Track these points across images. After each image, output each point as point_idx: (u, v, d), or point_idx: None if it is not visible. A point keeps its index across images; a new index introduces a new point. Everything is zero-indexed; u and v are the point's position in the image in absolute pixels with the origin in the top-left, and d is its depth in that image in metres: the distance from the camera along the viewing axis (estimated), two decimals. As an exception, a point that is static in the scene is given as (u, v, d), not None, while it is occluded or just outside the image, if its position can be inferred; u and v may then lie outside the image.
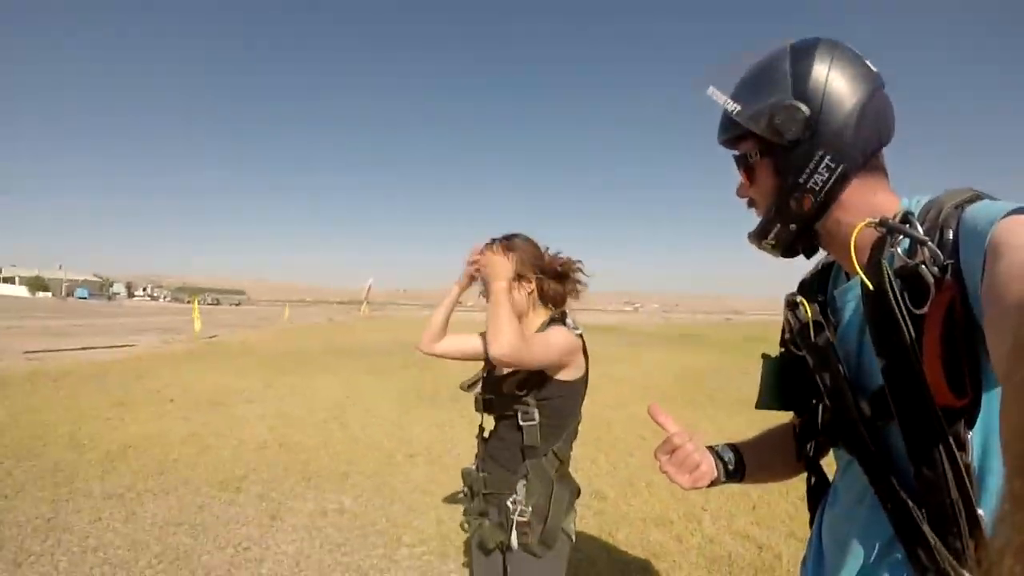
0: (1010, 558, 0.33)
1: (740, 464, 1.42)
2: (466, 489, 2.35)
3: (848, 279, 1.21)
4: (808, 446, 1.34)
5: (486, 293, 2.24)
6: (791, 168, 1.11)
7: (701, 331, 39.34)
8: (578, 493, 2.32)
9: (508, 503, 2.14)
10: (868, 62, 1.11)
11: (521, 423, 2.14)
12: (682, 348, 23.96)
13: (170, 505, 4.88)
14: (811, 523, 1.39)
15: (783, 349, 1.36)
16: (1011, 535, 0.34)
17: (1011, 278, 0.76)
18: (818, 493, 1.37)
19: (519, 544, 2.09)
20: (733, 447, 1.45)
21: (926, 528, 0.96)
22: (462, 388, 2.50)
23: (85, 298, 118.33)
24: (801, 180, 1.10)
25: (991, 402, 0.94)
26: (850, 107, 1.06)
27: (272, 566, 3.93)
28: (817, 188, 1.09)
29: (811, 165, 1.09)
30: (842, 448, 1.19)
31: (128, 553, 4.00)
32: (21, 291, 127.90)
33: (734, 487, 5.33)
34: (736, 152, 1.23)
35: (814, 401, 1.27)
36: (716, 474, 1.36)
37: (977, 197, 1.00)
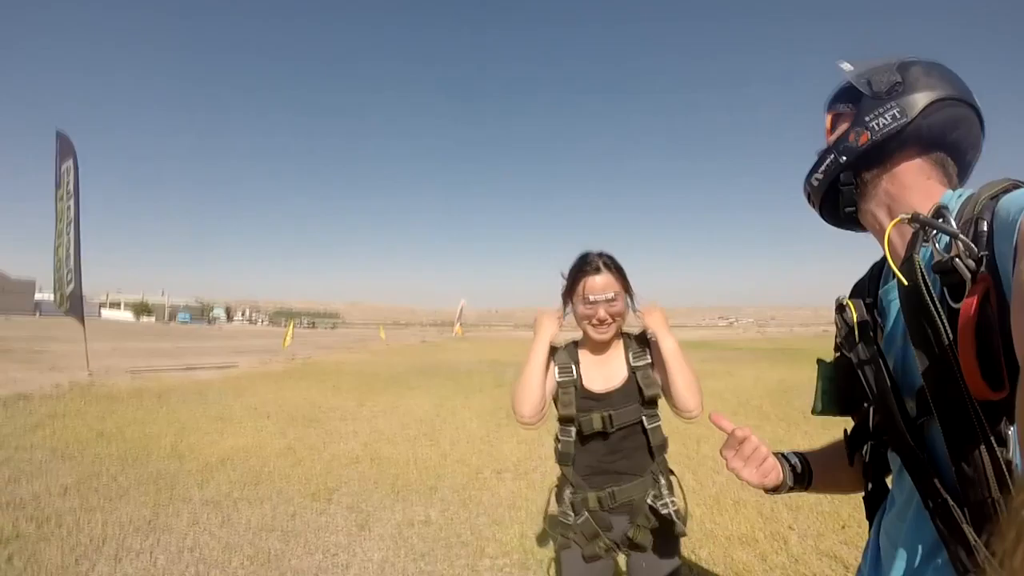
0: (1023, 553, 0.33)
1: (807, 470, 1.44)
2: (574, 517, 2.30)
3: (893, 278, 1.20)
4: (863, 450, 1.32)
5: (656, 340, 2.24)
6: (866, 111, 1.20)
7: (797, 344, 38.38)
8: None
9: (648, 500, 2.24)
10: (970, 90, 1.18)
11: (648, 426, 2.26)
12: (776, 362, 23.32)
13: (263, 512, 5.01)
14: (869, 530, 1.37)
15: (837, 354, 1.37)
16: None
17: None
18: (876, 499, 1.35)
19: (678, 529, 2.23)
20: (800, 454, 1.47)
21: (967, 528, 0.94)
22: (566, 415, 2.33)
23: (187, 322, 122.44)
24: (868, 119, 1.19)
25: None
26: (934, 91, 1.15)
27: (358, 571, 3.99)
28: (876, 129, 1.17)
29: (880, 109, 1.17)
30: (893, 451, 1.19)
31: (222, 554, 4.12)
32: (126, 316, 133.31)
33: (824, 505, 5.17)
34: (830, 108, 1.33)
35: (865, 404, 1.27)
36: (783, 477, 1.40)
37: (1014, 186, 0.99)
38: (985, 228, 0.94)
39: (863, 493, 1.37)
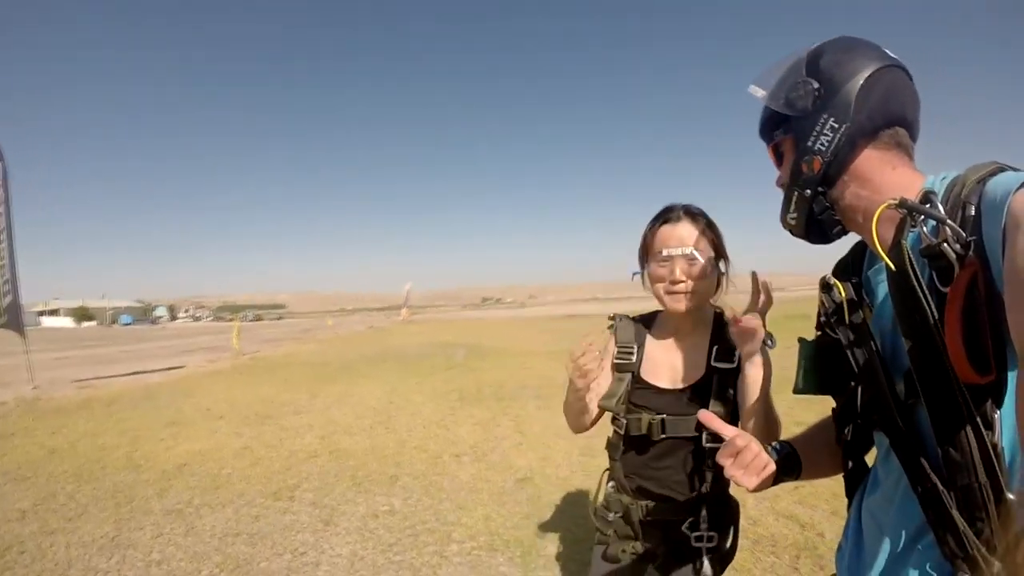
0: None
1: (796, 461, 1.41)
2: (612, 515, 2.03)
3: (878, 261, 1.23)
4: (846, 430, 1.32)
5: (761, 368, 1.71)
6: (804, 135, 1.19)
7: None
8: (738, 507, 2.07)
9: (683, 528, 1.90)
10: (886, 49, 1.19)
11: (706, 445, 1.84)
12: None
13: (227, 517, 5.02)
14: (848, 508, 1.38)
15: (819, 332, 1.38)
16: None
17: None
18: (856, 478, 1.36)
19: (705, 571, 1.89)
20: (786, 443, 1.45)
21: (955, 513, 0.95)
22: (609, 409, 2.01)
23: (129, 324, 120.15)
24: (809, 143, 1.18)
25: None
26: (854, 77, 1.14)
27: (328, 568, 4.04)
28: (824, 148, 1.16)
29: (817, 128, 1.16)
30: (881, 431, 1.19)
31: (191, 564, 4.13)
32: (66, 322, 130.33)
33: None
34: (766, 141, 1.35)
35: (852, 383, 1.26)
36: (775, 475, 1.36)
37: (1000, 170, 1.00)
38: (973, 212, 0.95)
39: (843, 472, 1.39)
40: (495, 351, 19.62)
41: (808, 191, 1.21)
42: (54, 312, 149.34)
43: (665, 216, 1.92)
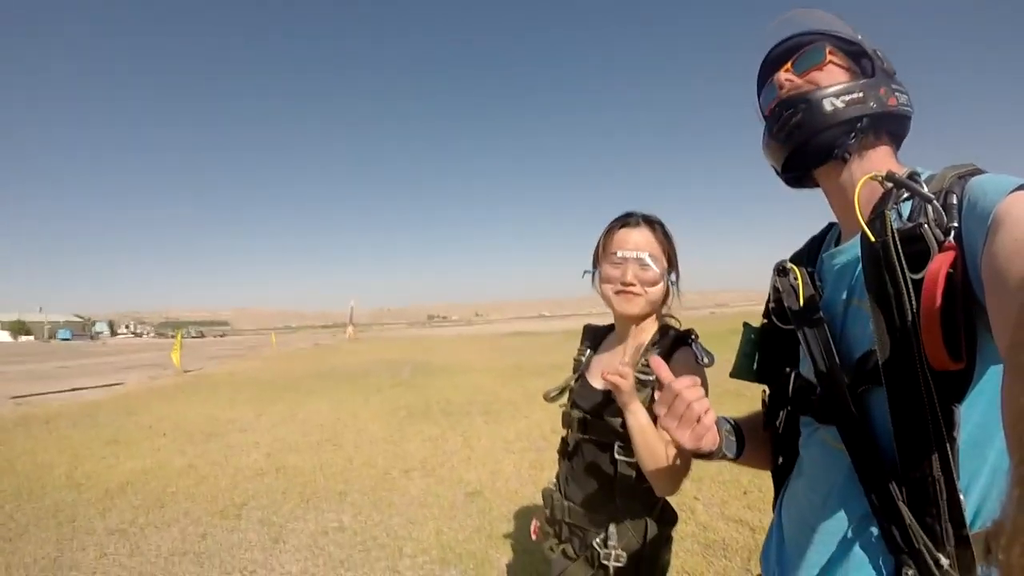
0: (1019, 547, 0.33)
1: (740, 438, 1.33)
2: (547, 512, 2.04)
3: (839, 243, 1.23)
4: (778, 420, 1.30)
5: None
6: (883, 80, 1.14)
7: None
8: (675, 522, 1.99)
9: (595, 543, 1.82)
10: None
11: (617, 456, 1.77)
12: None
13: (173, 536, 4.94)
14: (774, 505, 1.36)
15: (765, 320, 1.35)
16: (1022, 521, 0.34)
17: (1015, 253, 0.76)
18: (785, 474, 1.32)
19: None
20: (730, 420, 1.36)
21: (902, 506, 0.94)
22: (547, 398, 2.06)
23: (68, 339, 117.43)
24: (893, 86, 1.14)
25: (987, 378, 0.92)
26: (901, 86, 1.16)
27: (279, 587, 4.01)
28: (901, 102, 1.14)
29: (896, 87, 1.14)
30: (810, 417, 1.18)
31: (136, 585, 4.06)
32: (2, 336, 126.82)
33: (725, 475, 5.46)
34: (806, 49, 1.22)
35: (787, 369, 1.25)
36: (719, 442, 1.24)
37: (980, 171, 0.99)
38: (955, 201, 0.94)
39: (771, 467, 1.37)
40: (442, 368, 19.57)
41: (873, 105, 1.12)
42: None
43: (624, 220, 1.91)
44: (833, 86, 1.14)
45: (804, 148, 1.18)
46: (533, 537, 2.15)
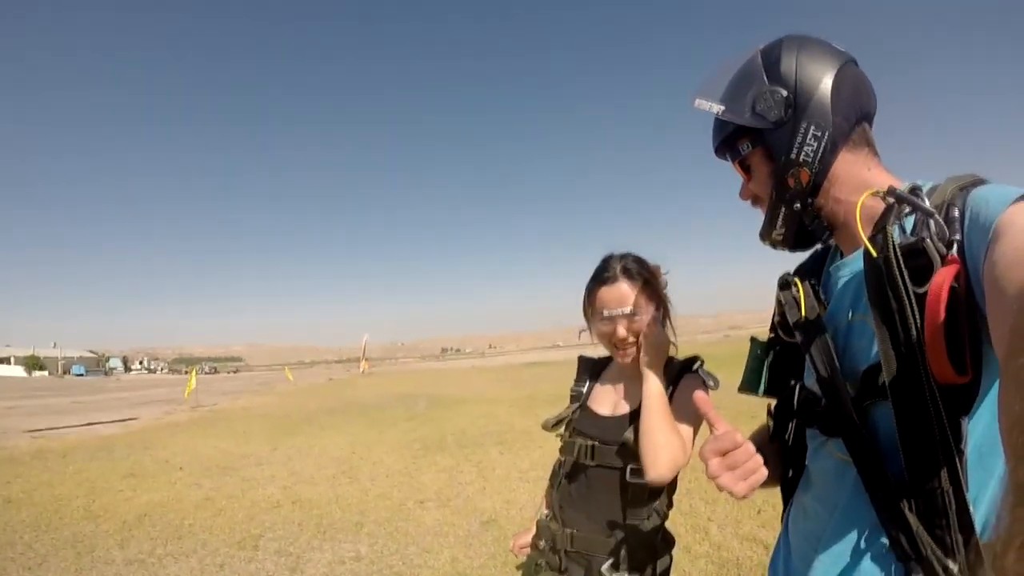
0: (1014, 552, 0.33)
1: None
2: (543, 543, 1.97)
3: (842, 257, 1.22)
4: (786, 434, 1.30)
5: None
6: (782, 148, 1.14)
7: (698, 350, 39.45)
8: (672, 544, 1.98)
9: (603, 569, 1.78)
10: (834, 44, 1.17)
11: (629, 479, 1.76)
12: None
13: (191, 567, 4.98)
14: (783, 517, 1.35)
15: (772, 334, 1.34)
16: (1016, 528, 0.35)
17: (1014, 262, 0.75)
18: (793, 487, 1.32)
19: None
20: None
21: (910, 516, 0.93)
22: (545, 428, 2.04)
23: (82, 375, 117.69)
24: (793, 155, 1.13)
25: (993, 390, 0.91)
26: (824, 79, 1.11)
27: (296, 615, 4.03)
28: (810, 159, 1.12)
29: (799, 139, 1.12)
30: (816, 429, 1.17)
31: (156, 613, 4.09)
32: (17, 371, 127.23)
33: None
34: (730, 156, 1.27)
35: (792, 381, 1.26)
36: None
37: (981, 182, 0.98)
38: (957, 215, 0.93)
39: (780, 481, 1.36)
40: (456, 400, 19.59)
41: (797, 204, 1.17)
42: (4, 360, 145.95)
43: (601, 277, 1.90)
44: (765, 220, 1.24)
45: (800, 242, 1.27)
46: (516, 555, 2.13)
